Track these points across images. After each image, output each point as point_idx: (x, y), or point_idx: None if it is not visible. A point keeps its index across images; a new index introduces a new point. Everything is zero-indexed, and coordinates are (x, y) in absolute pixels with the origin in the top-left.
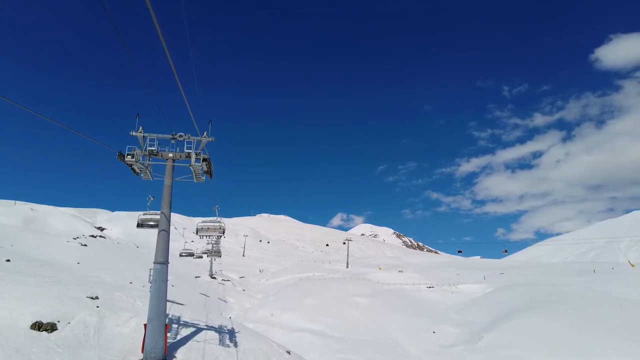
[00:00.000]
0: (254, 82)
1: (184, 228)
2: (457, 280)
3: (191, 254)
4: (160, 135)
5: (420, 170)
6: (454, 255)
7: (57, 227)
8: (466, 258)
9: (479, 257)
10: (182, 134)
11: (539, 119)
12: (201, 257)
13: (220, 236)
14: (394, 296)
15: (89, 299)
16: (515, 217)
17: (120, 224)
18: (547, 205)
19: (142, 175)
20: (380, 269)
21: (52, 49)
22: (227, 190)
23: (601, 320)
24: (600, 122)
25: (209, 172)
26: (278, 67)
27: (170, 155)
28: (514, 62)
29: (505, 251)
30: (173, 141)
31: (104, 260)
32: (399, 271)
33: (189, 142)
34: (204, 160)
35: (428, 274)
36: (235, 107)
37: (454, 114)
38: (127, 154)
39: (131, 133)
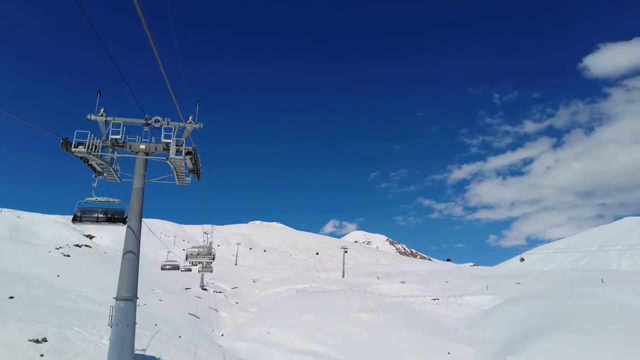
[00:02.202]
0: (246, 83)
1: (175, 236)
2: (461, 291)
3: (176, 267)
4: (129, 120)
5: (413, 177)
6: (448, 263)
7: (44, 236)
8: (459, 265)
9: (471, 263)
10: (158, 118)
11: (529, 126)
12: (190, 269)
13: (211, 262)
14: (399, 310)
15: (32, 343)
16: (507, 223)
17: (111, 232)
18: (537, 211)
19: (105, 174)
20: (378, 278)
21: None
22: (219, 197)
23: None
24: (589, 129)
25: (195, 171)
26: (270, 67)
27: (142, 146)
28: (504, 70)
29: (522, 259)
30: (147, 128)
31: (87, 272)
32: (402, 282)
33: (168, 130)
34: (188, 154)
35: (431, 285)
36: (225, 111)
37: (446, 120)
38: (78, 143)
39: (89, 116)
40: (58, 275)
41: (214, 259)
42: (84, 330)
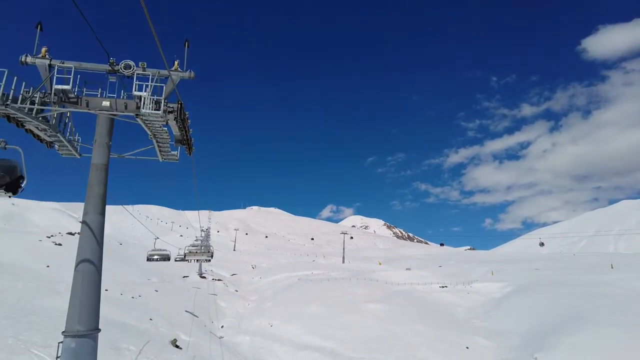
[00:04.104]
0: (246, 79)
1: (172, 222)
2: (467, 277)
3: (166, 258)
4: (85, 65)
5: (409, 162)
6: (447, 247)
7: (39, 224)
8: (456, 249)
9: (467, 247)
10: (129, 62)
11: (526, 110)
12: (187, 261)
13: (209, 259)
14: (408, 300)
15: None
16: (503, 207)
17: (108, 219)
18: (534, 195)
19: (57, 146)
20: (380, 264)
21: None
22: (217, 182)
23: None
24: (586, 112)
25: (184, 142)
26: (263, 60)
27: (106, 103)
28: (502, 53)
29: (542, 244)
30: (113, 78)
31: None
32: (407, 269)
33: (143, 80)
34: (172, 112)
35: (435, 271)
36: (225, 100)
37: (443, 104)
38: None
39: (23, 58)
40: (48, 266)
41: (212, 256)
42: (45, 351)
